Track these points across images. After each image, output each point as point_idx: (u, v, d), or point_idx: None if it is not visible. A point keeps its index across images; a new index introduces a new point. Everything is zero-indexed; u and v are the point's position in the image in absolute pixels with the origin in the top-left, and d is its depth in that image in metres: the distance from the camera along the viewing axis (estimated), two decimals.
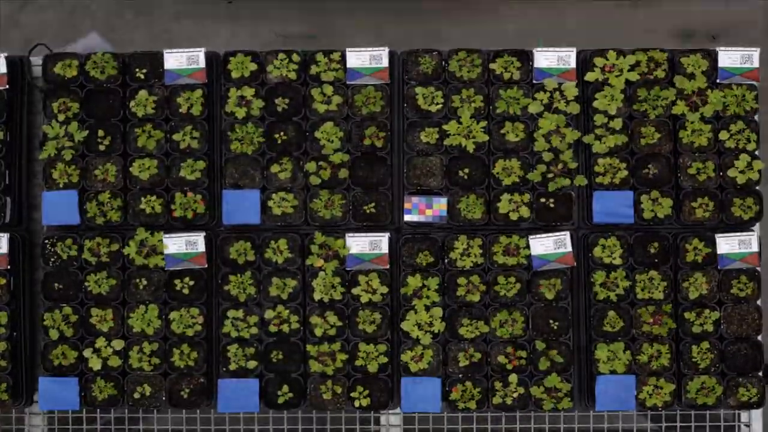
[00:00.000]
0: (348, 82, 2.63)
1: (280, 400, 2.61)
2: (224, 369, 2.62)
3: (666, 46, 2.65)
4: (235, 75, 2.64)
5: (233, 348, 2.61)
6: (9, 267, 2.61)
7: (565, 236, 2.60)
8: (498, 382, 2.59)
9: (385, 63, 2.62)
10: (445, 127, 2.61)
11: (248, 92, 2.63)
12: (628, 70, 2.60)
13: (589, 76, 2.61)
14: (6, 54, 2.64)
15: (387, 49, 2.63)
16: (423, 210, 2.61)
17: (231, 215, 2.62)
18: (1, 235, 2.60)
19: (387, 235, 2.61)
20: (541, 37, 3.05)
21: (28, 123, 2.72)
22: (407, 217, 2.61)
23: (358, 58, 2.62)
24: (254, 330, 2.61)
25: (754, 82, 2.62)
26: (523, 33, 3.90)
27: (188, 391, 2.61)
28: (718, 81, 2.62)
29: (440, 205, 2.60)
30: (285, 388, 2.61)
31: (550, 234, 2.60)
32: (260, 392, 2.62)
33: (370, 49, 2.63)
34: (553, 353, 2.58)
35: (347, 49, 2.63)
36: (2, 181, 2.63)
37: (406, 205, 2.61)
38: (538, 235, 2.60)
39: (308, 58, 2.65)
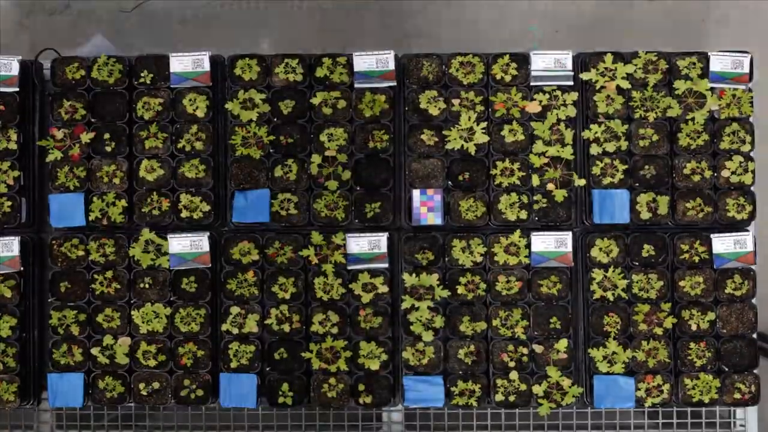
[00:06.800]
0: (356, 86, 2.68)
1: (283, 399, 2.65)
2: (225, 367, 2.66)
3: None
4: (242, 78, 2.69)
5: (234, 345, 2.66)
6: (21, 269, 2.66)
7: (567, 236, 2.64)
8: (499, 379, 2.64)
9: (391, 66, 2.67)
10: (445, 132, 2.66)
11: (256, 95, 2.68)
12: (623, 77, 2.64)
13: (585, 76, 2.66)
14: (19, 58, 2.69)
15: (392, 53, 2.67)
16: (423, 209, 2.66)
17: (241, 214, 2.67)
18: (13, 238, 2.65)
19: (386, 234, 2.65)
20: None
21: (40, 126, 2.77)
22: (408, 217, 2.66)
23: (364, 61, 2.67)
24: (256, 328, 2.66)
25: (747, 86, 2.66)
26: None
27: (194, 388, 2.66)
28: (710, 86, 2.66)
29: (439, 203, 2.65)
30: (287, 386, 2.65)
31: (553, 232, 2.65)
32: (264, 390, 2.67)
33: (376, 52, 2.67)
34: (558, 348, 2.63)
35: (354, 54, 2.68)
36: (17, 183, 2.67)
37: (407, 205, 2.66)
38: (540, 233, 2.64)
39: (314, 61, 2.70)
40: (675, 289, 2.65)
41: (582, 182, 2.66)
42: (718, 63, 2.65)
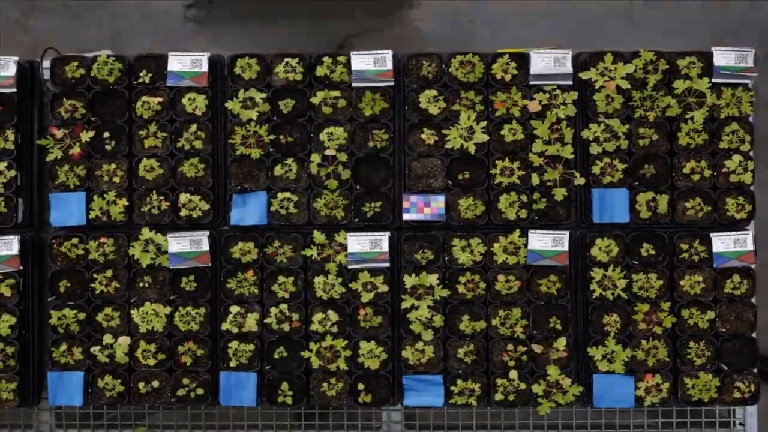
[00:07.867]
0: (354, 85, 2.68)
1: (282, 398, 2.65)
2: (225, 365, 2.66)
3: None
4: (242, 77, 2.69)
5: (234, 344, 2.66)
6: (20, 268, 2.66)
7: (564, 236, 2.64)
8: (499, 379, 2.64)
9: (389, 65, 2.67)
10: (445, 131, 2.66)
11: (256, 94, 2.68)
12: (623, 77, 2.64)
13: (584, 75, 2.66)
14: (16, 59, 2.68)
15: (390, 52, 2.68)
16: (421, 208, 2.65)
17: (239, 217, 2.67)
18: (12, 237, 2.65)
19: (387, 234, 2.65)
20: None
21: (39, 125, 2.77)
22: (406, 216, 2.66)
23: (362, 61, 2.67)
24: (256, 327, 2.66)
25: (748, 82, 2.66)
26: None
27: (193, 386, 2.65)
28: (713, 81, 2.66)
29: (438, 203, 2.65)
30: (287, 385, 2.65)
31: (551, 231, 2.65)
32: (264, 389, 2.67)
33: (374, 52, 2.68)
34: (557, 346, 2.63)
35: (352, 53, 2.68)
36: (13, 183, 2.67)
37: (405, 204, 2.66)
38: (538, 231, 2.64)
39: (314, 60, 2.70)
40: (674, 288, 2.65)
41: (582, 181, 2.66)
42: (722, 58, 2.65)
